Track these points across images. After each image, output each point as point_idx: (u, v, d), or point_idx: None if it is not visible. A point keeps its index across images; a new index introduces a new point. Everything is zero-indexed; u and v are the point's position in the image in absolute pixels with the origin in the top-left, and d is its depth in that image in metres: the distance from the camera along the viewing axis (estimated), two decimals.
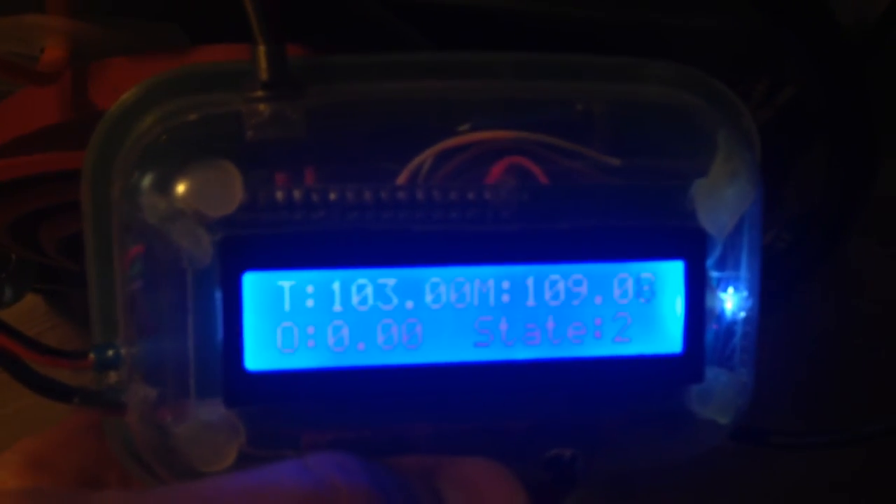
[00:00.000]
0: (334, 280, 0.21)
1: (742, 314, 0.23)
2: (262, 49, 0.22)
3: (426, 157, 0.22)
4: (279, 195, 0.21)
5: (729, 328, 0.23)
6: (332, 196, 0.21)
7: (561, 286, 0.22)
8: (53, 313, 0.39)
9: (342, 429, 0.22)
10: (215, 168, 0.20)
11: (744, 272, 0.23)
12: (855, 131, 0.29)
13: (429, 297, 0.21)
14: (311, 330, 0.21)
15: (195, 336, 0.21)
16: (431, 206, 0.22)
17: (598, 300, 0.22)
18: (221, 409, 0.21)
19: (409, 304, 0.21)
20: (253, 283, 0.21)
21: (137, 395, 0.22)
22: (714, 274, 0.23)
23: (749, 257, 0.23)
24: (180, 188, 0.20)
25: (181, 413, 0.21)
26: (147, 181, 0.21)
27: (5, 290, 0.33)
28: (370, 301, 0.21)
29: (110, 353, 0.22)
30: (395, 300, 0.21)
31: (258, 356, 0.21)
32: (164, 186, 0.21)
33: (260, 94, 0.22)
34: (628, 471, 0.25)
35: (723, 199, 0.22)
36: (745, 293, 0.23)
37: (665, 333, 0.23)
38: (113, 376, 0.23)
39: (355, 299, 0.21)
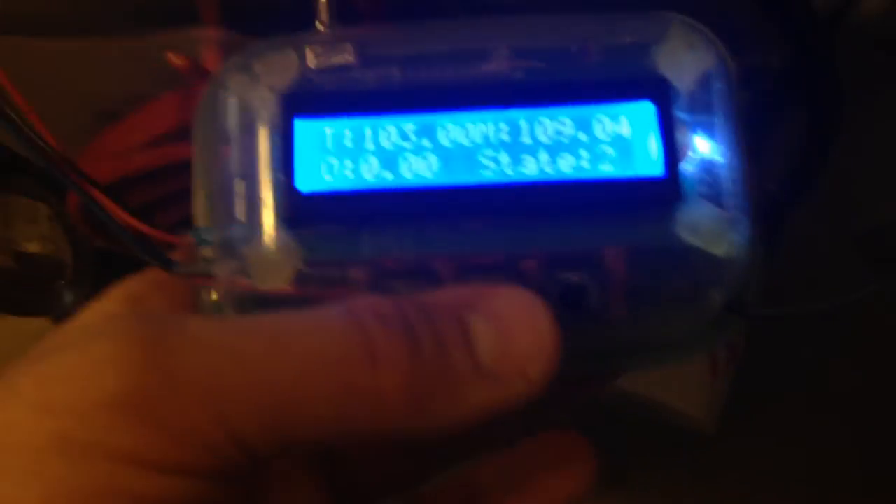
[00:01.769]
0: (366, 126, 0.27)
1: (721, 159, 0.27)
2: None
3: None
4: (327, 63, 0.28)
5: (707, 167, 0.27)
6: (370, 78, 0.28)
7: (548, 125, 0.27)
8: None
9: (377, 258, 0.26)
10: (280, 52, 0.28)
11: (717, 121, 0.27)
12: (825, 93, 0.33)
13: (442, 137, 0.27)
14: (348, 163, 0.27)
15: (265, 178, 0.27)
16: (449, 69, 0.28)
17: (582, 137, 0.27)
18: (283, 235, 0.26)
19: (426, 143, 0.27)
20: (302, 128, 0.27)
21: (225, 268, 0.28)
22: (683, 116, 0.27)
23: (720, 112, 0.27)
24: (255, 68, 0.28)
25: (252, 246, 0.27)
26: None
27: (65, 295, 0.38)
28: (395, 139, 0.27)
29: (204, 235, 0.28)
30: (415, 139, 0.27)
31: (307, 181, 0.26)
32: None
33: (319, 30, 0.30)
34: (634, 322, 0.27)
35: (680, 60, 0.28)
36: (718, 143, 0.27)
37: (644, 161, 0.27)
38: (207, 252, 0.29)
39: (383, 139, 0.27)
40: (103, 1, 0.36)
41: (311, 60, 0.29)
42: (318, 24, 0.30)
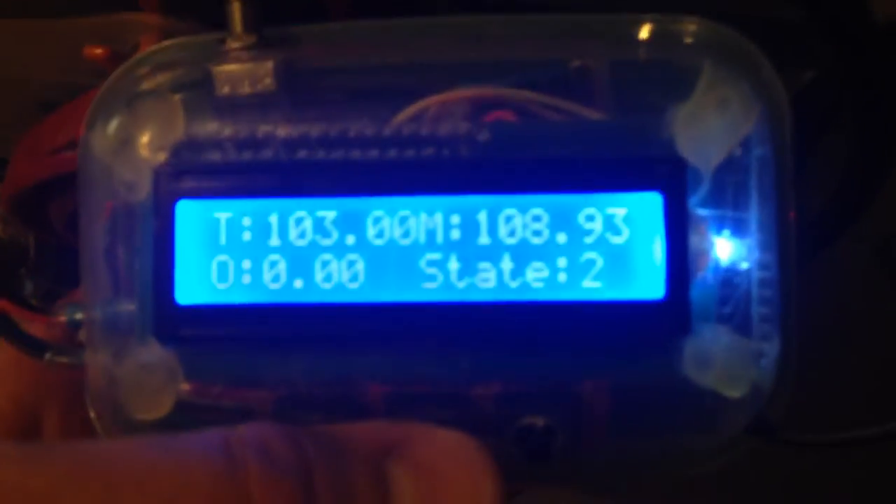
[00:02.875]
0: (272, 212, 0.20)
1: (745, 265, 0.20)
2: (235, 5, 0.22)
3: (415, 109, 0.21)
4: (226, 131, 0.21)
5: (728, 279, 0.20)
6: (281, 132, 0.21)
7: (518, 221, 0.20)
8: None
9: (284, 382, 0.20)
10: (159, 99, 0.20)
11: (752, 215, 0.20)
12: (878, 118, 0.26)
13: (371, 232, 0.20)
14: (246, 265, 0.20)
15: (140, 273, 0.21)
16: (384, 143, 0.20)
17: (561, 238, 0.20)
18: (159, 350, 0.20)
19: (350, 240, 0.20)
20: (186, 213, 0.20)
21: (95, 356, 0.21)
22: (701, 212, 0.20)
23: (759, 201, 0.20)
24: (124, 119, 0.20)
25: (123, 355, 0.21)
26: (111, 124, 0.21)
27: (26, 285, 0.34)
28: (308, 235, 0.20)
29: (77, 315, 0.22)
30: (335, 234, 0.20)
31: (190, 290, 0.20)
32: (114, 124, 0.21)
33: (231, 46, 0.22)
34: (622, 454, 0.21)
35: (707, 129, 0.20)
36: (750, 241, 0.20)
37: (643, 277, 0.20)
38: (82, 334, 0.23)
39: (293, 233, 0.20)
40: None
41: (220, 87, 0.21)
42: (230, 39, 0.22)
